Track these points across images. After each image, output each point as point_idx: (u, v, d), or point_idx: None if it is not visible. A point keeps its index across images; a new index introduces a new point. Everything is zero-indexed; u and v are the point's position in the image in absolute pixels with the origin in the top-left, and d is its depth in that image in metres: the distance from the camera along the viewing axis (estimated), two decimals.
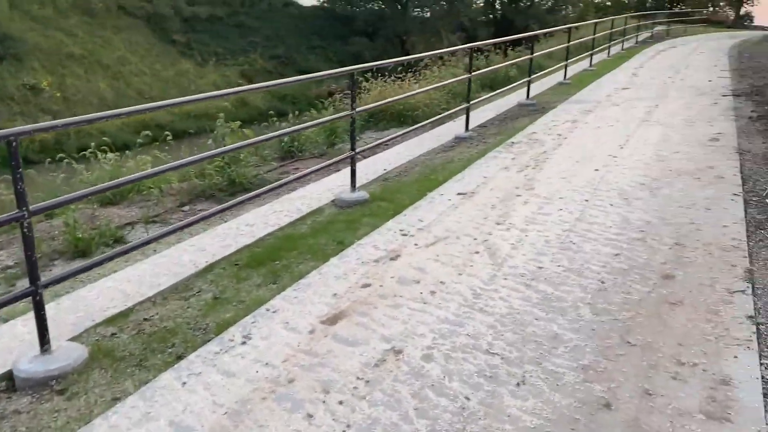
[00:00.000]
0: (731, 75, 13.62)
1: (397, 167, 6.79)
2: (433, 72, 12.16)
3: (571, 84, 12.67)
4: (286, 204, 5.53)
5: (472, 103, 8.31)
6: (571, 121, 8.86)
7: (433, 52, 8.12)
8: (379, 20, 43.31)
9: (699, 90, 11.55)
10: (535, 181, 6.00)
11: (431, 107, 9.95)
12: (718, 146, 7.27)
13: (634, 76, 13.80)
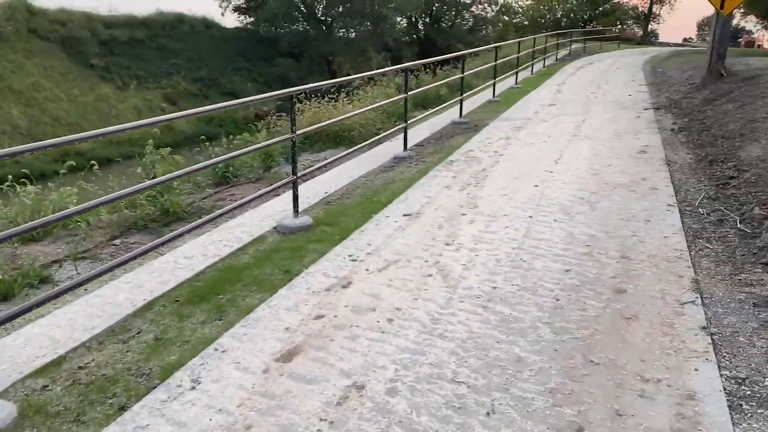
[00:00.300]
0: (649, 89, 14.29)
1: (339, 189, 6.65)
2: (366, 92, 12.14)
3: (500, 101, 12.94)
4: (225, 233, 5.27)
5: (409, 122, 8.29)
6: (505, 138, 8.99)
7: (369, 73, 8.06)
8: (304, 41, 43.20)
9: (621, 104, 12.04)
10: (478, 198, 6.00)
11: (366, 127, 9.90)
12: (647, 158, 7.54)
13: (558, 92, 14.26)
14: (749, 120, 8.28)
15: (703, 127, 9.00)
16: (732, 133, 8.00)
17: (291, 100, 5.26)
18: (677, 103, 11.28)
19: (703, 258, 4.51)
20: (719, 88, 10.91)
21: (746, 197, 5.70)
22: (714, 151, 7.57)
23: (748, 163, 6.64)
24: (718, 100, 10.24)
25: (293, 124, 5.26)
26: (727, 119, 8.86)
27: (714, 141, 8.00)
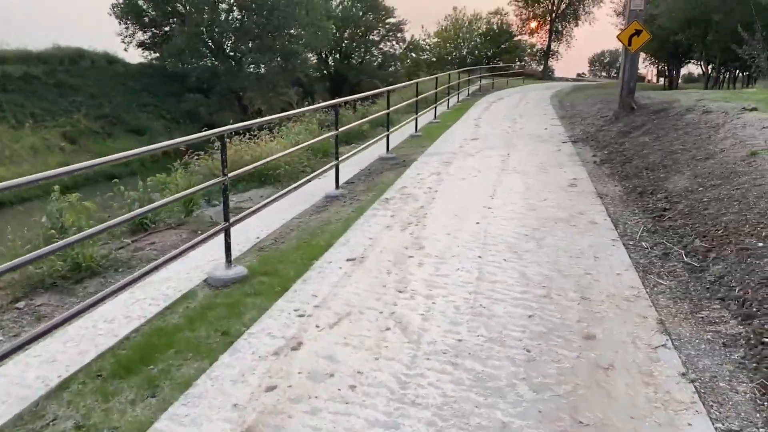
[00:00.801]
0: (562, 123, 14.76)
1: (272, 233, 6.18)
2: (290, 129, 11.74)
3: (422, 136, 12.90)
4: (149, 289, 4.69)
5: (340, 159, 7.96)
6: (436, 173, 8.85)
7: (302, 109, 7.71)
8: (213, 77, 42.24)
9: (540, 138, 12.29)
10: (422, 239, 5.72)
11: (292, 165, 9.49)
12: (578, 191, 7.58)
13: (477, 126, 14.44)
14: (668, 152, 8.57)
15: (624, 159, 9.24)
16: (654, 165, 8.23)
17: (222, 139, 4.81)
18: (593, 136, 11.64)
19: (660, 295, 4.42)
20: (632, 121, 11.35)
21: (684, 229, 5.75)
22: (641, 182, 7.72)
23: (676, 194, 6.78)
24: (633, 133, 10.63)
25: (225, 166, 4.80)
26: (646, 151, 9.15)
27: (638, 173, 8.19)
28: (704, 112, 9.96)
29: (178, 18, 43.62)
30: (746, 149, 7.16)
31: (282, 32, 44.04)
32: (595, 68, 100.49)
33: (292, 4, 42.63)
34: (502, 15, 54.35)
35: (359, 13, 61.95)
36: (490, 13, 54.21)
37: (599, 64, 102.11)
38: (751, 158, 6.80)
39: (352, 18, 61.27)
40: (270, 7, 42.05)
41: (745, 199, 5.75)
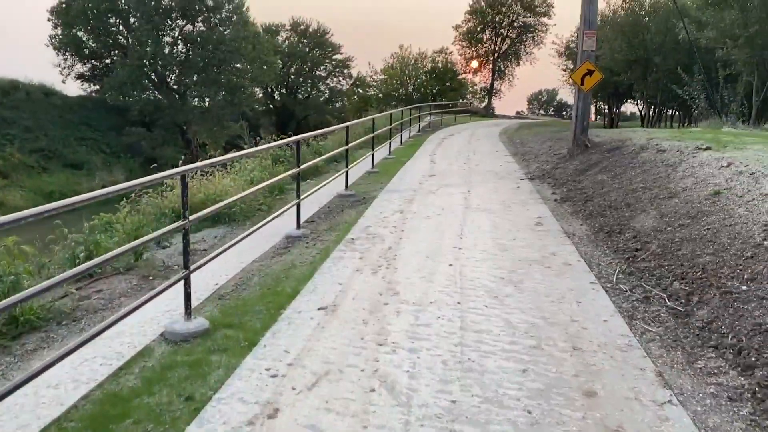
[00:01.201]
0: (516, 160, 14.86)
1: (231, 279, 5.74)
2: (243, 164, 11.29)
3: (380, 172, 12.69)
4: (99, 345, 4.17)
5: (301, 197, 7.60)
6: (399, 211, 8.60)
7: (260, 147, 7.33)
8: (156, 110, 41.28)
9: (497, 174, 12.28)
10: (396, 283, 5.41)
11: (248, 202, 9.05)
12: (545, 230, 7.46)
13: (433, 163, 14.36)
14: (628, 190, 8.60)
15: (584, 197, 9.24)
16: (617, 204, 8.22)
17: (183, 180, 4.41)
18: (550, 174, 11.70)
19: (651, 344, 4.24)
20: (588, 158, 11.48)
21: (659, 270, 5.65)
22: (606, 221, 7.67)
23: (645, 234, 6.73)
24: (590, 171, 10.71)
25: (186, 209, 4.39)
26: (606, 189, 9.18)
27: (602, 211, 8.16)
28: (658, 151, 10.12)
29: (120, 50, 42.65)
30: (709, 188, 7.21)
31: (228, 66, 43.56)
32: (533, 106, 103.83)
33: (238, 39, 42.34)
34: (446, 54, 55.45)
35: (306, 49, 62.27)
36: (435, 52, 55.17)
37: (537, 102, 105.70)
38: (715, 197, 6.83)
39: (299, 53, 61.50)
40: (216, 41, 41.62)
41: (717, 239, 5.71)
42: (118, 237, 6.93)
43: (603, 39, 23.79)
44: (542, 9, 54.61)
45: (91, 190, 15.52)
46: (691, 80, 16.89)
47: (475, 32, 56.19)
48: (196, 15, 42.67)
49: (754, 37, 15.23)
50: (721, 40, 16.56)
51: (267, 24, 60.26)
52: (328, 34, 62.27)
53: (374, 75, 56.45)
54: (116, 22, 42.43)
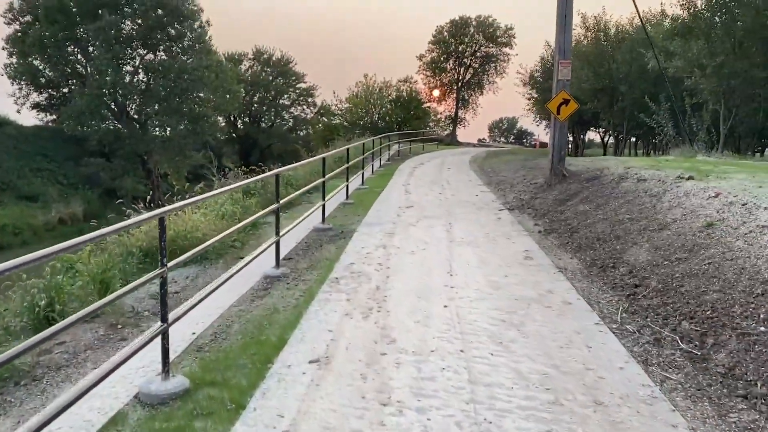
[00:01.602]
0: (491, 189, 14.69)
1: (209, 327, 5.26)
2: (214, 198, 10.76)
3: (355, 204, 12.33)
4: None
5: (280, 234, 7.16)
6: (382, 246, 8.23)
7: (239, 184, 6.82)
8: (116, 140, 40.27)
9: (474, 205, 12.04)
10: (390, 329, 5.01)
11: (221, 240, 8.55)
12: (536, 265, 7.18)
13: (408, 193, 14.07)
14: (615, 221, 8.42)
15: (569, 228, 9.04)
16: (605, 236, 8.02)
17: (162, 223, 3.97)
18: (529, 204, 11.51)
19: (674, 393, 3.93)
20: (567, 188, 11.34)
21: (664, 309, 5.39)
22: (597, 255, 7.44)
23: (641, 268, 6.50)
24: (570, 201, 10.55)
25: (164, 255, 3.94)
26: (590, 220, 8.99)
27: (591, 244, 7.94)
28: (639, 180, 10.03)
29: (78, 79, 41.66)
30: (700, 220, 7.05)
31: (190, 95, 42.90)
32: (494, 134, 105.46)
33: (201, 68, 41.75)
34: (411, 83, 55.85)
35: (269, 77, 62.09)
36: (400, 81, 55.51)
37: (498, 130, 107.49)
38: (708, 229, 6.67)
39: (262, 82, 61.26)
40: (178, 70, 40.95)
41: (722, 275, 5.49)
42: (82, 280, 6.38)
43: None
44: (504, 39, 55.69)
45: (47, 223, 14.87)
46: (659, 109, 17.11)
47: (439, 62, 56.89)
48: (157, 44, 42.04)
49: (721, 66, 15.55)
50: (689, 70, 16.87)
51: (230, 53, 60.00)
52: (291, 63, 62.29)
53: (339, 104, 56.36)
54: (74, 50, 41.53)
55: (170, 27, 41.67)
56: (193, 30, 43.01)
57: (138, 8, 40.07)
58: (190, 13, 42.38)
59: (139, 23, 41.02)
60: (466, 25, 56.14)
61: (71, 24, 39.62)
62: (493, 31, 55.62)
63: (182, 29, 42.11)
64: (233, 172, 13.56)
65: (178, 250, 8.15)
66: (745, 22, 15.07)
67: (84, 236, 3.22)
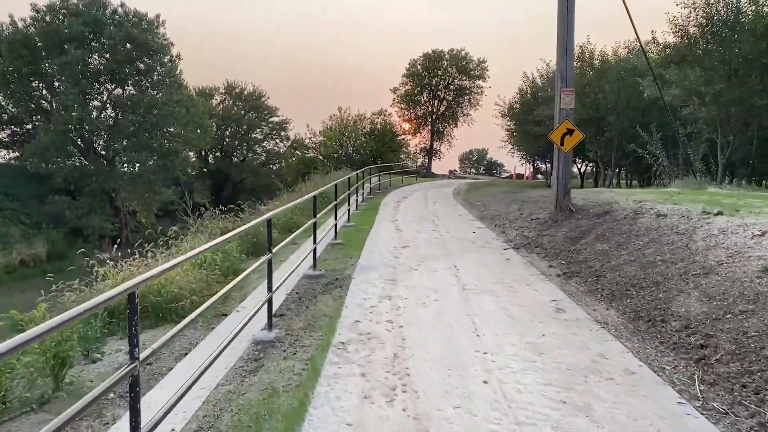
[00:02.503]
0: (486, 225, 13.79)
1: (194, 415, 4.13)
2: (190, 240, 9.62)
3: (345, 244, 11.28)
4: None
5: (273, 289, 6.06)
6: (386, 297, 7.18)
7: (229, 235, 5.72)
8: (82, 177, 38.68)
9: (474, 243, 11.10)
10: (427, 419, 3.94)
11: (198, 293, 7.42)
12: (573, 320, 6.20)
13: (399, 231, 13.08)
14: (645, 263, 7.53)
15: (592, 271, 8.12)
16: (639, 280, 7.10)
17: (132, 300, 2.89)
18: (536, 242, 10.60)
19: None
20: (576, 225, 10.47)
21: (750, 379, 4.44)
22: (638, 304, 6.50)
23: (698, 322, 5.57)
24: (584, 239, 9.67)
25: (135, 344, 2.85)
26: (615, 262, 8.09)
27: (625, 291, 7.01)
28: (658, 216, 9.22)
29: (44, 115, 40.11)
30: (753, 263, 6.19)
31: (160, 130, 41.61)
32: (465, 165, 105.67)
33: (171, 102, 40.59)
34: (385, 116, 55.36)
35: (241, 111, 61.17)
36: (374, 113, 55.00)
37: (468, 161, 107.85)
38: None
39: (234, 117, 60.28)
40: (147, 105, 39.72)
41: None
42: (30, 355, 5.18)
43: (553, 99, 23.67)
44: (477, 72, 55.81)
45: (7, 265, 13.17)
46: (651, 138, 16.53)
47: (413, 95, 56.66)
48: (126, 78, 40.82)
49: (719, 94, 15.05)
50: (683, 98, 16.37)
51: (201, 87, 59.07)
52: (263, 96, 61.56)
53: (313, 137, 55.51)
54: (39, 86, 40.09)
55: (139, 61, 40.55)
56: (163, 64, 41.92)
57: (106, 42, 38.94)
58: (160, 47, 41.36)
59: (107, 57, 39.82)
60: (440, 59, 56.20)
61: (36, 59, 38.28)
62: (466, 64, 55.75)
63: (152, 63, 41.02)
64: (209, 211, 12.39)
65: (150, 308, 7.01)
66: (742, 48, 14.66)
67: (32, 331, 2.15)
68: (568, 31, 10.98)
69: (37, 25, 38.72)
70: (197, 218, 12.20)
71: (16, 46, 36.91)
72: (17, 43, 37.03)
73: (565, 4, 10.97)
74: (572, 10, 11.00)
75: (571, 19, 10.98)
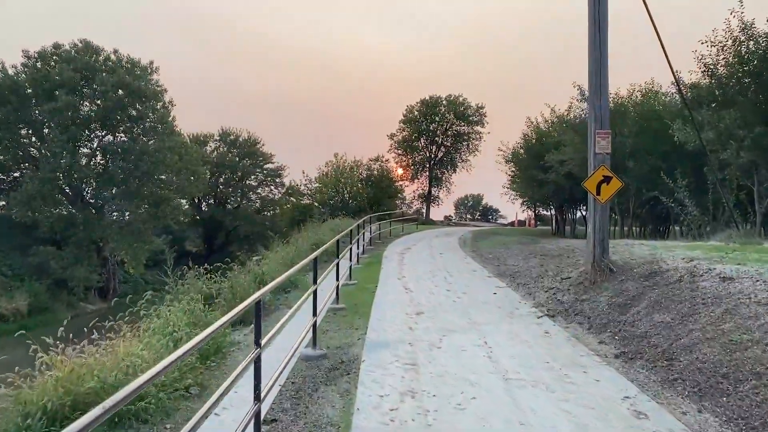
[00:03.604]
0: (506, 283, 12.25)
1: None
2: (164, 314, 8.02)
3: (348, 309, 9.74)
4: None
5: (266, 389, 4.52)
6: (409, 393, 5.61)
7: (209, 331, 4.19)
8: (69, 226, 37.18)
9: (501, 308, 9.57)
10: None
11: (167, 387, 5.82)
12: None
13: (408, 291, 11.54)
14: (729, 344, 6.01)
15: (658, 352, 6.57)
16: (730, 369, 5.57)
17: None
18: (574, 308, 9.06)
19: None
20: (621, 288, 8.95)
21: None
22: (741, 406, 4.95)
23: None
24: (634, 306, 8.16)
25: None
26: (685, 340, 6.56)
27: (716, 384, 5.47)
28: (723, 279, 7.74)
29: (31, 162, 38.79)
30: None
31: (151, 178, 40.25)
32: (460, 211, 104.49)
33: (163, 149, 39.40)
34: (382, 162, 54.27)
35: (236, 158, 60.15)
36: (371, 159, 53.91)
37: (464, 207, 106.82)
38: None
39: (229, 163, 59.22)
40: (138, 152, 38.51)
41: None
42: None
43: (567, 143, 22.51)
44: (475, 118, 55.11)
45: None
46: (677, 185, 15.18)
47: (410, 140, 55.76)
48: (117, 125, 39.73)
49: (760, 138, 13.78)
50: (719, 142, 15.10)
51: (195, 134, 58.20)
52: (259, 143, 60.70)
53: (308, 183, 54.24)
54: (28, 133, 38.90)
55: (131, 108, 39.51)
56: (155, 110, 40.92)
57: (98, 88, 37.96)
58: (153, 94, 40.43)
59: (99, 104, 38.79)
60: (437, 104, 55.55)
61: (25, 105, 37.23)
62: (464, 109, 55.09)
63: (144, 110, 39.99)
64: (192, 271, 10.78)
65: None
66: None
67: None
68: (602, 61, 9.68)
69: (28, 72, 37.81)
70: (177, 280, 10.57)
71: (4, 92, 35.89)
72: (6, 89, 36.03)
73: (596, 29, 9.70)
74: (605, 37, 9.70)
75: (604, 47, 9.70)
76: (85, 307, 37.96)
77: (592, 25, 9.76)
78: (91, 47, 39.54)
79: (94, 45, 39.73)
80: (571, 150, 22.06)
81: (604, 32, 9.72)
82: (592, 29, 9.81)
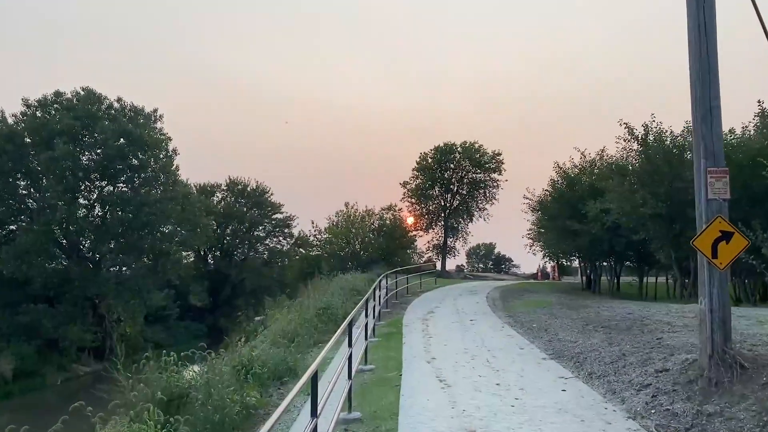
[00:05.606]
0: (576, 374, 9.29)
1: None
2: None
3: (364, 423, 6.93)
4: None
5: None
6: None
7: None
8: (63, 282, 34.68)
9: (584, 422, 6.71)
10: None
11: None
12: None
13: (445, 386, 8.69)
14: None
15: None
16: None
17: None
18: (698, 425, 6.17)
19: None
20: (764, 396, 6.10)
21: None
22: None
23: None
24: None
25: None
26: None
27: None
28: None
29: (27, 214, 36.59)
30: None
31: (152, 230, 37.85)
32: (472, 260, 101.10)
33: (164, 200, 37.10)
34: (395, 211, 51.70)
35: (243, 208, 57.88)
36: (383, 209, 51.33)
37: (476, 256, 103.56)
38: None
39: (236, 214, 56.93)
40: (138, 203, 36.23)
41: None
42: None
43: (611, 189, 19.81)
44: (492, 165, 52.73)
45: None
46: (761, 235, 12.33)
47: (424, 189, 53.29)
48: (117, 174, 37.62)
49: None
50: None
51: (202, 184, 56.11)
52: (267, 193, 58.52)
53: (318, 234, 51.62)
54: (27, 184, 36.89)
55: (133, 157, 37.49)
56: (158, 159, 38.88)
57: (98, 137, 36.05)
58: (156, 142, 38.44)
59: (98, 153, 36.82)
60: (451, 151, 53.29)
61: (22, 155, 35.31)
62: (480, 156, 52.76)
63: (146, 159, 37.94)
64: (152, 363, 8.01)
65: None
66: None
67: None
68: (711, 78, 7.08)
69: (27, 120, 36.06)
70: (138, 370, 7.80)
71: (1, 142, 34.02)
72: (2, 138, 34.16)
73: (698, 37, 7.14)
74: (714, 48, 7.14)
75: (713, 58, 7.10)
76: (78, 369, 35.19)
77: (695, 39, 7.22)
78: (93, 95, 37.92)
79: (96, 93, 38.10)
80: (616, 197, 19.37)
81: (712, 41, 7.13)
82: (691, 37, 7.27)
